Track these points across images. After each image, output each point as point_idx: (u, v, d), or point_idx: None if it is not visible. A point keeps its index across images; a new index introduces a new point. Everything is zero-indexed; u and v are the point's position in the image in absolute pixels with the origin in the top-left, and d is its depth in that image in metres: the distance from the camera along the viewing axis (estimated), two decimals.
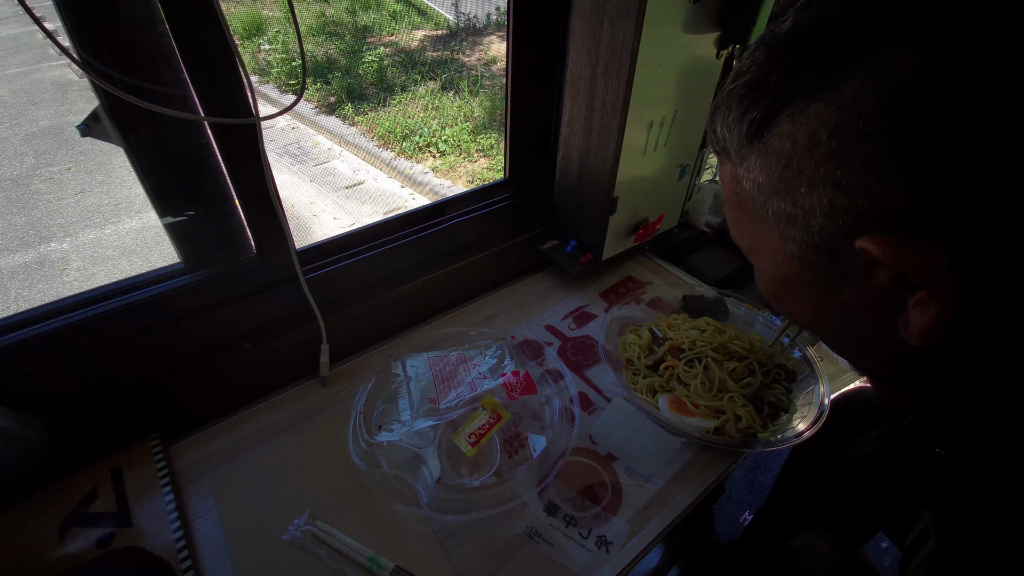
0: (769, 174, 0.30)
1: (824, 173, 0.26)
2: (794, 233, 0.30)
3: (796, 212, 0.29)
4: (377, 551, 0.56)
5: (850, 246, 0.27)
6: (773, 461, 1.37)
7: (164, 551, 0.55)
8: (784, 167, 0.28)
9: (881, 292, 0.28)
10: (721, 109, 0.32)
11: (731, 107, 0.31)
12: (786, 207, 0.29)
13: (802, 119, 0.27)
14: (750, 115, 0.30)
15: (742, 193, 0.33)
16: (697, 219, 1.08)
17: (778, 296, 0.36)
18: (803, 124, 0.27)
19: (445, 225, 0.86)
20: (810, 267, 0.31)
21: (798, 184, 0.28)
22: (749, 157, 0.31)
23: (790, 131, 0.28)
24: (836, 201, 0.26)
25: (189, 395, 0.68)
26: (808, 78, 0.27)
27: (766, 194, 0.30)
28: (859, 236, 0.26)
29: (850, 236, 0.27)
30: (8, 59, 4.11)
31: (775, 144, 0.29)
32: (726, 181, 0.35)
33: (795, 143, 0.27)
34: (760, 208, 0.31)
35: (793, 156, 0.28)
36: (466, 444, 0.62)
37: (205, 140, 0.59)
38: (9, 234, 2.43)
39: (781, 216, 0.30)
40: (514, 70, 0.82)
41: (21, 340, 0.57)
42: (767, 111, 0.29)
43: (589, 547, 0.58)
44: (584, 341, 0.84)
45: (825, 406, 0.66)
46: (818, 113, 0.26)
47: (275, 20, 4.78)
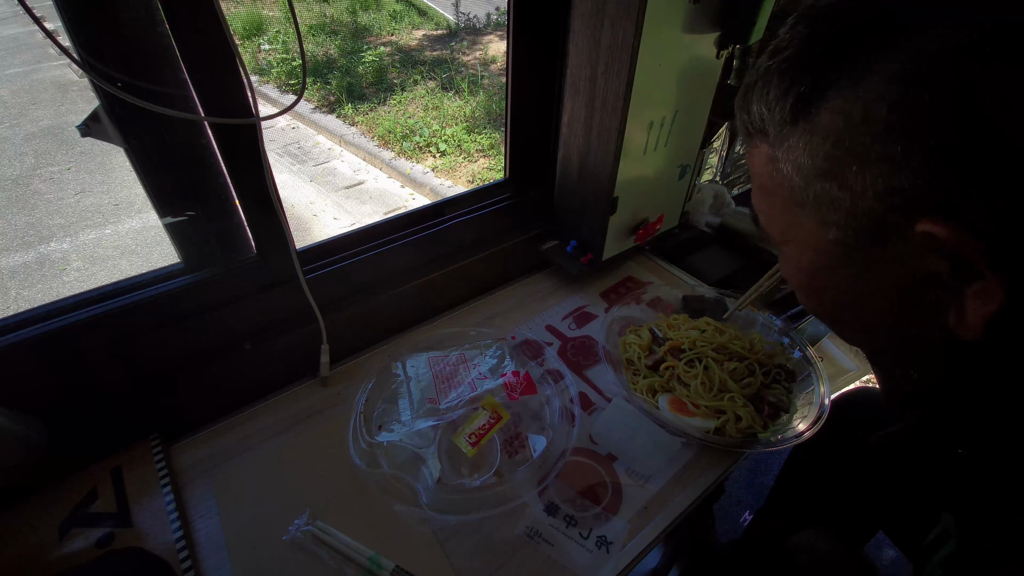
0: (814, 154, 0.28)
1: (880, 150, 0.25)
2: (839, 217, 0.28)
3: (843, 195, 0.27)
4: (377, 551, 0.56)
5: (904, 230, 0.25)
6: (773, 461, 1.37)
7: (164, 551, 0.55)
8: (833, 145, 0.27)
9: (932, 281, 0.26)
10: (758, 87, 0.30)
11: (771, 83, 0.29)
12: (832, 189, 0.28)
13: (857, 92, 0.25)
14: (795, 90, 0.28)
15: (778, 177, 0.31)
16: (697, 219, 1.08)
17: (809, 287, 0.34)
18: (858, 98, 0.25)
19: (445, 225, 0.86)
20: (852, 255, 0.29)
21: (849, 163, 0.26)
22: (792, 137, 0.29)
23: (842, 106, 0.26)
24: (892, 181, 0.25)
25: (189, 395, 0.68)
26: (863, 48, 0.25)
27: (809, 176, 0.29)
28: (918, 219, 0.25)
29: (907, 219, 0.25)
30: (8, 59, 4.11)
31: (824, 120, 0.27)
32: (760, 165, 0.32)
33: (848, 118, 0.26)
34: (800, 192, 0.30)
35: (845, 133, 0.26)
36: (466, 444, 0.62)
37: (205, 140, 0.59)
38: (9, 234, 2.43)
39: (824, 200, 0.28)
40: (514, 70, 0.82)
41: (21, 340, 0.57)
42: (815, 85, 0.27)
43: (589, 547, 0.58)
44: (584, 341, 0.84)
45: (825, 406, 0.66)
46: (874, 86, 0.24)
47: (275, 20, 4.78)
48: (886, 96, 0.24)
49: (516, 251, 0.95)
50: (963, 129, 0.22)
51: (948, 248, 0.24)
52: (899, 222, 0.25)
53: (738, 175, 1.21)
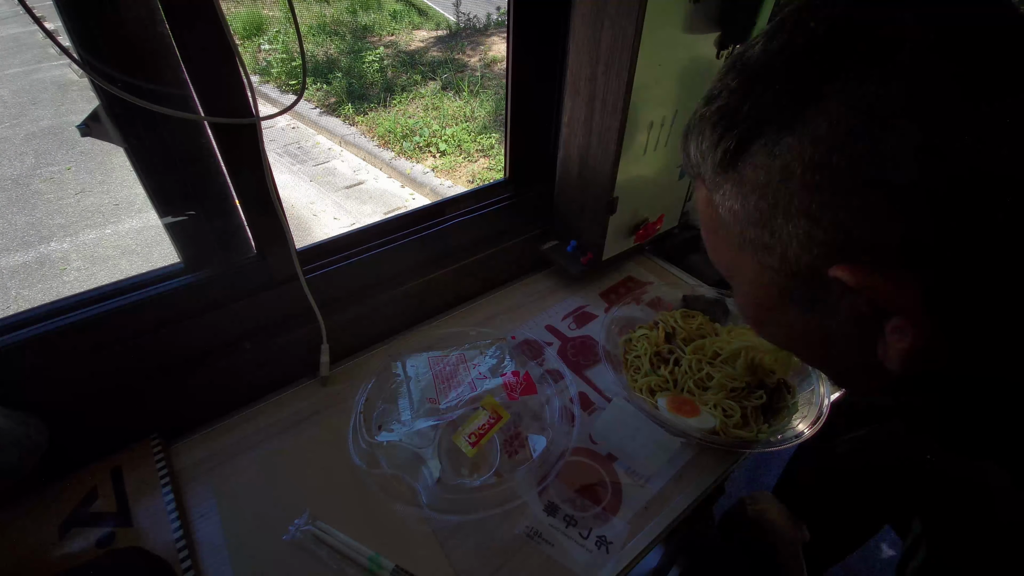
0: (745, 203, 0.29)
1: (799, 205, 0.26)
2: (772, 261, 0.30)
3: (773, 242, 0.29)
4: (377, 551, 0.56)
5: (826, 274, 0.27)
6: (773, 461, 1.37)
7: (164, 551, 0.55)
8: (759, 197, 0.28)
9: (859, 319, 0.28)
10: (694, 133, 0.32)
11: (704, 133, 0.30)
12: (763, 237, 0.29)
13: (776, 151, 0.27)
14: (724, 144, 0.29)
15: (717, 218, 0.32)
16: (697, 219, 1.08)
17: (757, 319, 0.36)
18: (777, 156, 0.27)
19: (445, 225, 0.86)
20: (788, 293, 0.31)
21: (774, 215, 0.28)
22: (724, 185, 0.30)
23: (764, 163, 0.27)
24: (811, 232, 0.27)
25: (189, 395, 0.68)
26: (779, 109, 0.26)
27: (742, 222, 0.30)
28: (833, 265, 0.26)
29: (827, 265, 0.27)
30: (8, 59, 4.11)
31: (749, 174, 0.28)
32: (702, 204, 0.34)
33: (769, 175, 0.27)
34: (737, 236, 0.31)
35: (768, 188, 0.27)
36: (466, 444, 0.62)
37: (205, 140, 0.59)
38: (9, 234, 2.43)
39: (758, 245, 0.30)
40: (514, 70, 0.82)
41: (21, 340, 0.57)
42: (740, 141, 0.28)
43: (589, 547, 0.58)
44: (584, 341, 0.84)
45: (825, 406, 0.66)
46: (791, 146, 0.26)
47: (275, 20, 4.78)
48: (801, 156, 0.26)
49: (516, 251, 0.95)
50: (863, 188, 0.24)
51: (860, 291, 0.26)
52: (820, 267, 0.27)
53: None
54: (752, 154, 0.28)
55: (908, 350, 0.26)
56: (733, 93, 0.29)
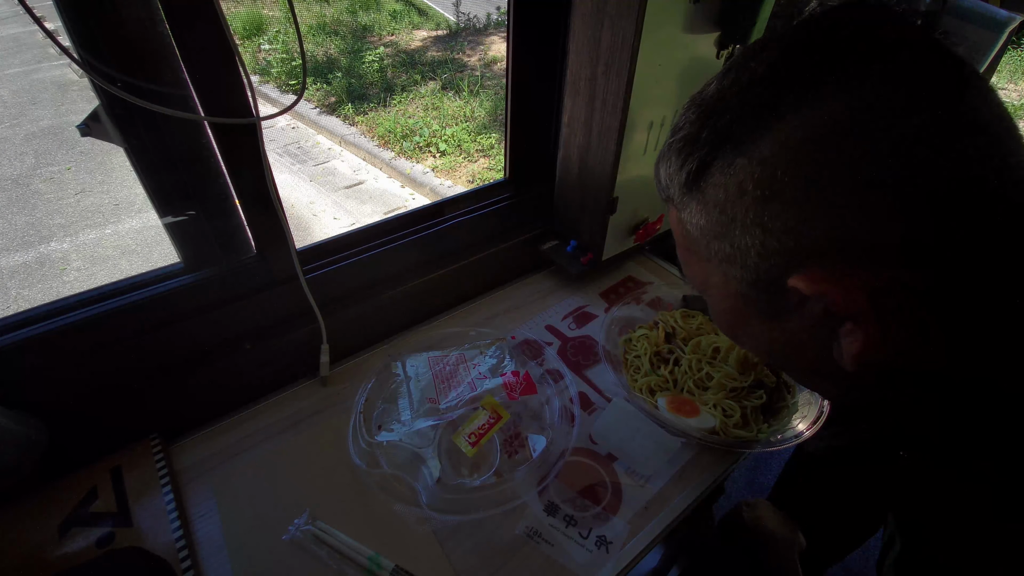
0: (708, 218, 0.32)
1: (753, 217, 0.29)
2: (735, 271, 0.32)
3: (734, 252, 0.31)
4: (377, 551, 0.56)
5: (784, 283, 0.30)
6: (773, 461, 1.37)
7: (164, 551, 0.55)
8: (720, 212, 0.31)
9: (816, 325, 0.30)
10: (663, 160, 0.35)
11: (671, 159, 0.34)
12: (725, 248, 0.32)
13: (731, 171, 0.30)
14: (687, 167, 0.32)
15: (687, 236, 0.36)
16: None
17: (730, 329, 0.38)
18: (732, 175, 0.30)
19: (445, 225, 0.86)
20: (753, 302, 0.33)
21: (733, 228, 0.31)
22: (690, 204, 0.33)
23: (722, 181, 0.31)
24: (766, 242, 0.29)
25: (189, 395, 0.68)
26: (731, 135, 0.30)
27: (707, 236, 0.33)
28: (790, 274, 0.29)
29: (782, 273, 0.29)
30: (8, 59, 4.11)
31: (710, 192, 0.32)
32: (673, 224, 0.38)
33: (727, 192, 0.30)
34: (704, 249, 0.34)
35: (726, 203, 0.31)
36: (466, 444, 0.62)
37: (205, 140, 0.59)
38: (9, 234, 2.43)
39: (723, 256, 0.33)
40: (514, 70, 0.82)
41: (21, 340, 0.57)
42: (700, 164, 0.32)
43: (589, 547, 0.58)
44: (584, 341, 0.84)
45: (825, 406, 0.66)
46: (743, 166, 0.29)
47: (275, 20, 4.78)
48: (751, 175, 0.29)
49: (516, 251, 0.95)
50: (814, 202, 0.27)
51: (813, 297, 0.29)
52: (778, 276, 0.30)
53: None
54: (711, 174, 0.31)
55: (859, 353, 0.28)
56: (693, 124, 0.32)
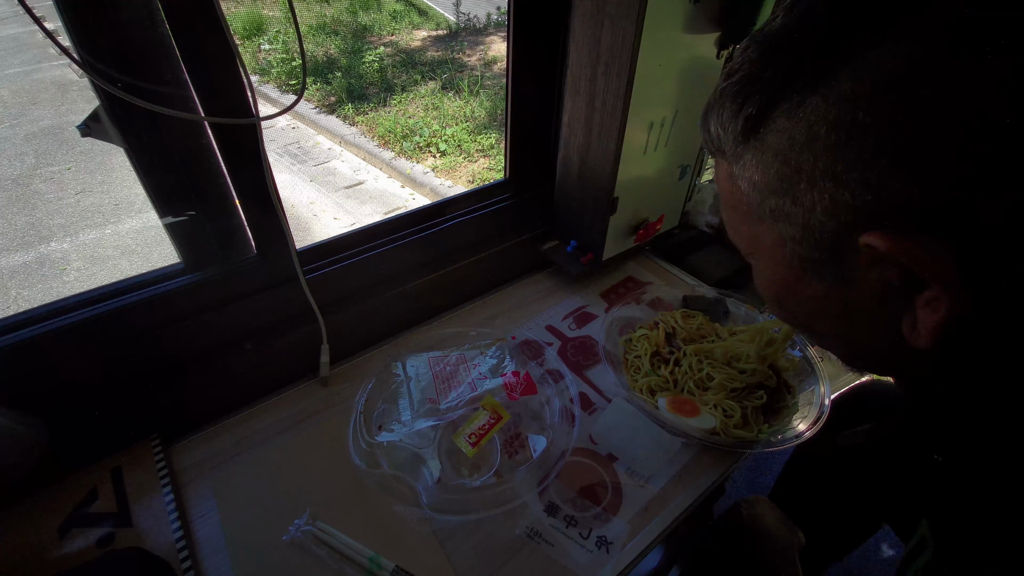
0: (766, 172, 0.29)
1: (823, 168, 0.26)
2: (794, 232, 0.29)
3: (795, 210, 0.28)
4: (377, 551, 0.56)
5: (853, 243, 0.26)
6: (773, 461, 1.37)
7: (164, 551, 0.55)
8: (782, 163, 0.28)
9: (887, 291, 0.27)
10: (714, 108, 0.32)
11: (725, 105, 0.30)
12: (785, 205, 0.29)
13: (799, 113, 0.26)
14: (745, 111, 0.29)
15: (738, 193, 0.32)
16: (697, 219, 1.08)
17: (778, 297, 0.35)
18: (800, 119, 0.26)
19: (445, 225, 0.86)
20: (811, 267, 0.30)
21: (797, 181, 0.27)
22: (745, 155, 0.30)
23: (786, 126, 0.27)
24: (837, 196, 0.26)
25: (189, 395, 0.68)
26: (803, 72, 0.26)
27: (763, 193, 0.30)
28: (863, 232, 0.25)
29: (853, 232, 0.26)
30: (8, 59, 4.11)
31: (771, 140, 0.28)
32: (722, 181, 0.34)
33: (792, 138, 0.27)
34: (757, 207, 0.31)
35: (791, 152, 0.27)
36: (466, 444, 0.62)
37: (205, 140, 0.59)
38: (9, 234, 2.43)
39: (780, 215, 0.29)
40: (514, 70, 0.82)
41: (21, 340, 0.57)
42: (762, 106, 0.28)
43: (589, 547, 0.58)
44: (584, 341, 0.84)
45: (825, 406, 0.66)
46: (815, 107, 0.26)
47: (275, 20, 4.78)
48: (826, 116, 0.25)
49: (516, 251, 0.95)
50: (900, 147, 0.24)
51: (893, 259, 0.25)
52: (847, 235, 0.26)
53: None
54: (774, 119, 0.28)
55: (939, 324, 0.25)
56: (753, 63, 0.29)
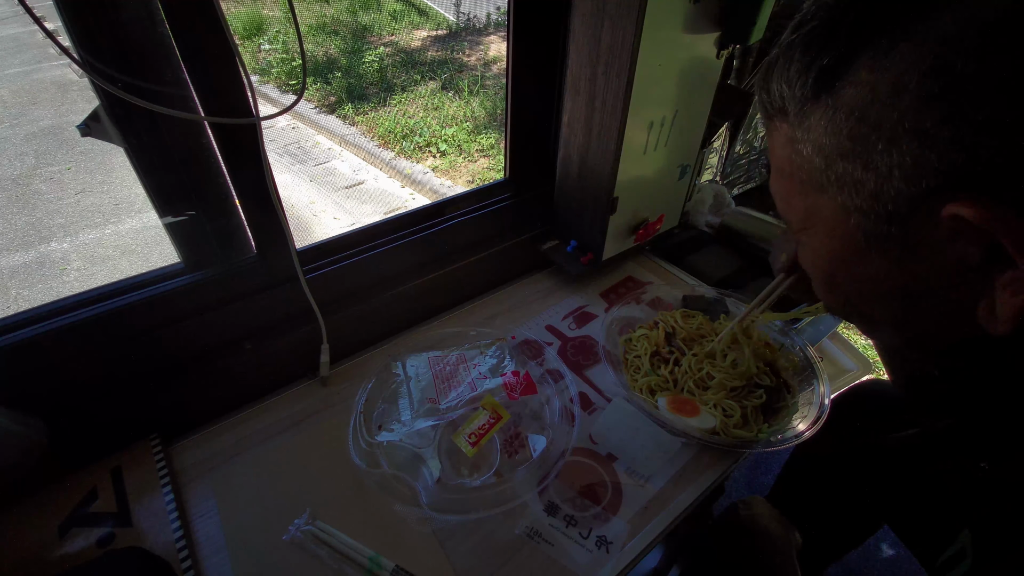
0: (837, 133, 0.26)
1: (910, 124, 0.23)
2: (861, 202, 0.27)
3: (867, 176, 0.26)
4: (377, 551, 0.56)
5: (932, 213, 0.24)
6: (773, 461, 1.37)
7: (164, 551, 0.55)
8: (858, 121, 0.25)
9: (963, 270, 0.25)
10: (779, 63, 0.29)
11: (793, 58, 0.28)
12: (855, 171, 0.26)
13: (886, 63, 0.24)
14: (819, 62, 0.26)
15: (798, 159, 0.29)
16: (697, 219, 1.08)
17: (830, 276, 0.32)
18: (887, 68, 0.24)
19: (445, 225, 0.86)
20: (876, 242, 0.27)
21: (874, 141, 0.25)
22: (813, 114, 0.27)
23: (869, 78, 0.24)
24: (922, 158, 0.23)
25: (189, 395, 0.68)
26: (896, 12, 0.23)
27: (831, 156, 0.27)
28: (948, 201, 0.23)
29: (936, 201, 0.23)
30: (8, 59, 4.11)
31: (848, 95, 0.25)
32: (779, 147, 0.31)
33: (874, 92, 0.24)
34: (820, 174, 0.28)
35: (871, 107, 0.24)
36: (466, 444, 0.62)
37: (205, 140, 0.59)
38: (9, 234, 2.43)
39: (846, 182, 0.27)
40: (514, 70, 0.82)
41: (21, 340, 0.57)
42: (841, 56, 0.25)
43: (589, 547, 0.58)
44: (584, 341, 0.84)
45: (825, 406, 0.66)
46: (907, 53, 0.23)
47: (275, 20, 4.78)
48: (920, 63, 0.23)
49: (516, 251, 0.95)
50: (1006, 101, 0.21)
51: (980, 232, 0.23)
52: (927, 204, 0.24)
53: (738, 175, 1.21)
54: (855, 70, 0.25)
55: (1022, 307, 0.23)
56: (832, 8, 0.26)
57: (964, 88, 0.22)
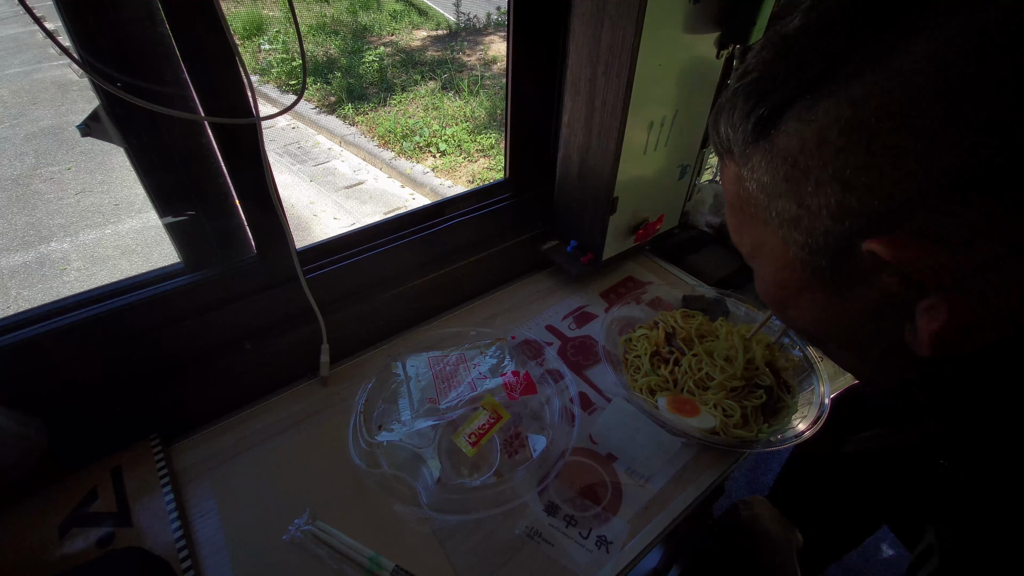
0: (774, 174, 0.29)
1: (833, 171, 0.26)
2: (798, 236, 0.29)
3: (801, 213, 0.28)
4: (377, 551, 0.56)
5: (856, 249, 0.26)
6: (773, 461, 1.37)
7: (164, 551, 0.55)
8: (791, 166, 0.28)
9: (888, 298, 0.27)
10: (726, 108, 0.31)
11: (736, 105, 0.30)
12: (790, 208, 0.29)
13: (811, 116, 0.26)
14: (756, 112, 0.29)
15: (744, 195, 0.32)
16: (697, 219, 1.08)
17: (779, 301, 0.35)
18: (812, 121, 0.26)
19: (445, 225, 0.86)
20: (813, 271, 0.30)
21: (804, 184, 0.27)
22: (754, 156, 0.30)
23: (797, 128, 0.27)
24: (844, 201, 0.26)
25: (189, 395, 0.68)
26: (818, 74, 0.26)
27: (770, 195, 0.30)
28: (866, 238, 0.25)
29: (857, 238, 0.26)
30: (8, 59, 4.11)
31: (782, 142, 0.28)
32: (728, 182, 0.34)
33: (803, 141, 0.27)
34: (763, 210, 0.31)
35: (800, 154, 0.27)
36: (466, 444, 0.62)
37: (205, 140, 0.59)
38: (9, 234, 2.43)
39: (785, 218, 0.29)
40: (514, 70, 0.82)
41: (21, 340, 0.57)
42: (774, 107, 0.28)
43: (589, 547, 0.58)
44: (584, 341, 0.84)
45: (825, 406, 0.66)
46: (828, 110, 0.26)
47: (275, 20, 4.78)
48: (838, 119, 0.25)
49: (516, 251, 0.95)
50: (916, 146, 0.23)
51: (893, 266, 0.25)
52: (851, 242, 0.26)
53: None
54: (786, 120, 0.28)
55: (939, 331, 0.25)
56: (767, 63, 0.29)
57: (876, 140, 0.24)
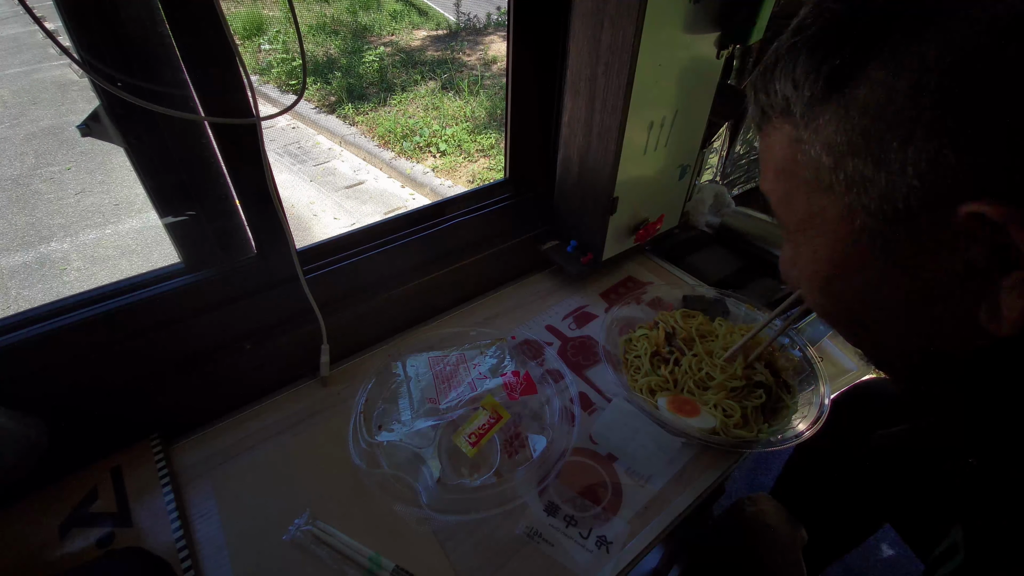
0: (849, 130, 0.26)
1: (927, 124, 0.23)
2: (869, 201, 0.26)
3: (877, 175, 0.25)
4: (377, 551, 0.56)
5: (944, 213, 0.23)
6: (773, 461, 1.37)
7: (164, 551, 0.55)
8: (872, 119, 0.25)
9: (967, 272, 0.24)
10: (781, 65, 0.29)
11: (798, 60, 0.28)
12: (865, 168, 0.26)
13: (903, 62, 0.24)
14: (829, 63, 0.26)
15: (803, 158, 0.29)
16: (697, 219, 1.08)
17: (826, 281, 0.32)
18: (903, 67, 0.24)
19: (445, 225, 0.86)
20: (879, 244, 0.27)
21: (889, 139, 0.24)
22: (822, 115, 0.27)
23: (883, 78, 0.24)
24: (939, 157, 0.23)
25: (189, 395, 0.68)
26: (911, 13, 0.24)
27: (840, 155, 0.27)
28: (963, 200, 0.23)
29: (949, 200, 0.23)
30: (8, 59, 4.11)
31: (862, 94, 0.25)
32: (780, 147, 0.31)
33: (891, 91, 0.24)
34: (827, 173, 0.28)
35: (887, 106, 0.24)
36: (466, 444, 0.62)
37: (205, 140, 0.59)
38: (9, 234, 2.43)
39: (855, 180, 0.27)
40: (514, 70, 0.82)
41: (21, 340, 0.57)
42: (854, 58, 0.25)
43: (589, 547, 0.58)
44: (584, 341, 0.84)
45: (825, 406, 0.66)
46: (924, 55, 0.23)
47: (275, 20, 4.78)
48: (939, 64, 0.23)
49: (516, 251, 0.95)
50: None
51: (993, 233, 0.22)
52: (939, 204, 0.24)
53: (738, 175, 1.21)
54: (868, 71, 0.25)
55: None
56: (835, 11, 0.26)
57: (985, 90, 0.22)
